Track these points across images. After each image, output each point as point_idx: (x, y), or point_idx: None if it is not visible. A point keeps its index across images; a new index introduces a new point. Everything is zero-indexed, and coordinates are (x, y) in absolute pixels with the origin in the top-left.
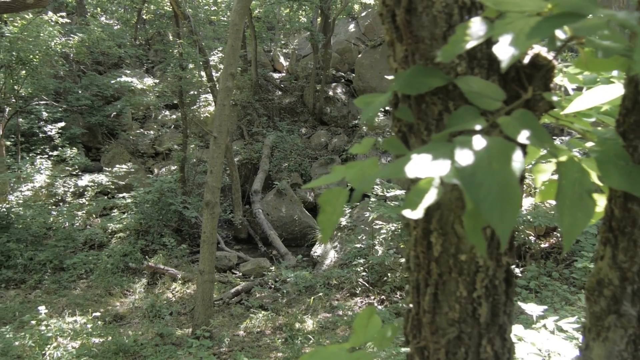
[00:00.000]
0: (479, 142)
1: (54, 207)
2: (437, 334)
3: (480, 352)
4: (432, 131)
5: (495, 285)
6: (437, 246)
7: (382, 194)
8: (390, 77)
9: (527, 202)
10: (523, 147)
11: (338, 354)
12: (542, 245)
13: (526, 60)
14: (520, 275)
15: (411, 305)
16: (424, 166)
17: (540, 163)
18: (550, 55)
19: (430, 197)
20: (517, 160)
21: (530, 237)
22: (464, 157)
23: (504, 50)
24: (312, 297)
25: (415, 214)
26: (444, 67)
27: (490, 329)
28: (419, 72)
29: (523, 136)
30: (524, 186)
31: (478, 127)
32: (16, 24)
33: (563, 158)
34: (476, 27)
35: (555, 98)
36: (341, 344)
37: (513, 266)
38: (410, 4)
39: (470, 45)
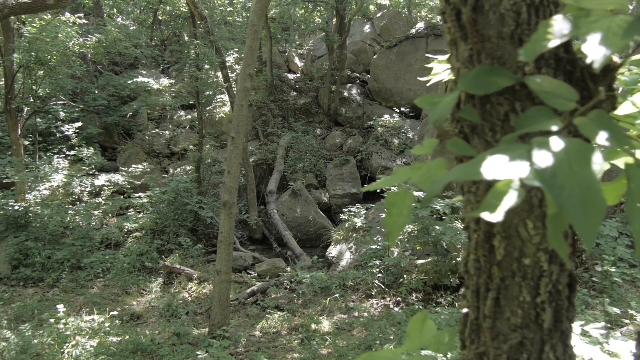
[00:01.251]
0: (557, 143)
1: (70, 206)
2: (498, 340)
3: (543, 358)
4: (497, 132)
5: (559, 290)
6: (500, 250)
7: None
8: (424, 78)
9: None
10: None
11: (393, 359)
12: None
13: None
14: None
15: (466, 310)
16: (501, 168)
17: None
18: (616, 56)
19: (511, 200)
20: (597, 162)
21: None
22: (543, 158)
23: (595, 50)
24: (328, 298)
25: (494, 216)
26: (511, 66)
27: (552, 335)
28: (486, 72)
29: (601, 137)
30: None
31: (554, 128)
32: (35, 25)
33: (630, 161)
34: (559, 25)
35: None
36: (395, 349)
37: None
38: (477, 2)
39: (553, 43)
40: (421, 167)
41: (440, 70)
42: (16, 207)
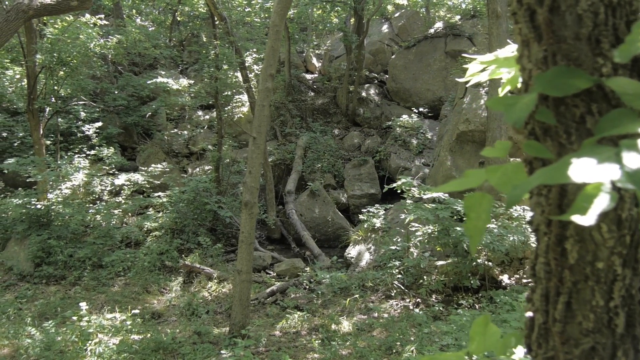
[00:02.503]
0: None
1: (91, 205)
2: (569, 344)
3: None
4: (571, 134)
5: (632, 294)
6: (573, 253)
7: (418, 195)
8: (463, 79)
9: None
10: None
11: None
12: None
13: None
14: None
15: (530, 314)
16: (590, 170)
17: None
18: None
19: (603, 203)
20: None
21: None
22: (634, 160)
23: None
24: (348, 299)
25: (586, 219)
26: (587, 68)
27: (625, 340)
28: (562, 73)
29: None
30: None
31: None
32: (56, 26)
33: None
34: None
35: None
36: (458, 352)
37: None
38: (553, 3)
39: None
40: (497, 170)
41: (477, 70)
42: (38, 206)
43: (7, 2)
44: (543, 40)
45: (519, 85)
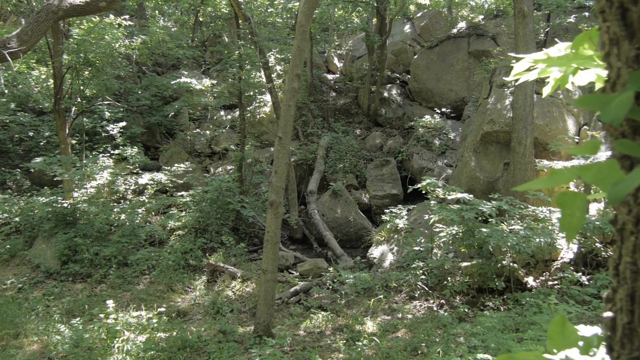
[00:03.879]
0: None
1: (115, 204)
2: None
3: None
4: None
5: None
6: None
7: (442, 196)
8: (510, 78)
9: (593, 208)
10: None
11: None
12: (611, 252)
13: None
14: (588, 283)
15: (612, 314)
16: None
17: None
18: None
19: None
20: None
21: (597, 244)
22: None
23: None
24: (372, 299)
25: None
26: None
27: None
28: None
29: None
30: (591, 191)
31: None
32: (82, 27)
33: None
34: None
35: None
36: (535, 351)
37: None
38: None
39: None
40: (591, 168)
41: (522, 69)
42: (65, 205)
43: (34, 3)
44: (635, 39)
45: (570, 85)
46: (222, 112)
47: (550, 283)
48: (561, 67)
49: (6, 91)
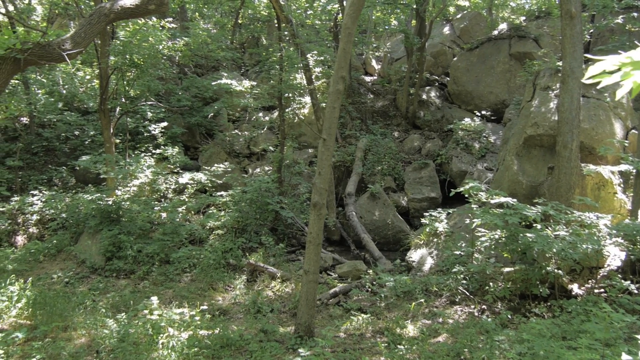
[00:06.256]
0: None
1: (157, 202)
2: None
3: None
4: None
5: None
6: None
7: (485, 200)
8: (590, 81)
9: None
10: None
11: None
12: None
13: None
14: (637, 292)
15: None
16: None
17: None
18: None
19: None
20: None
21: None
22: None
23: None
24: (413, 303)
25: None
26: None
27: None
28: None
29: None
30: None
31: None
32: (128, 29)
33: None
34: None
35: None
36: None
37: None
38: None
39: None
40: None
41: (597, 71)
42: (109, 202)
43: (82, 6)
44: None
45: None
46: (260, 114)
47: (596, 291)
48: None
49: (64, 91)
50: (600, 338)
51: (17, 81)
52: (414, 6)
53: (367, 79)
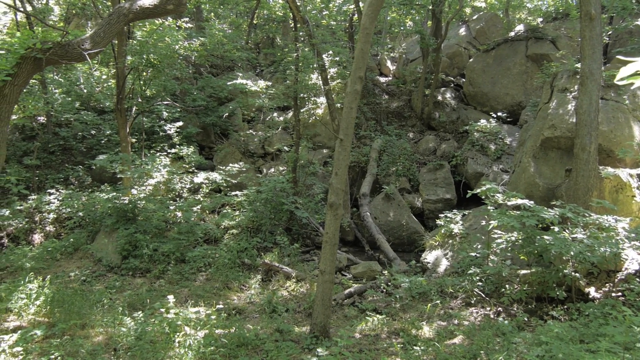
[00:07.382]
0: None
1: (172, 201)
2: None
3: None
4: None
5: None
6: None
7: (502, 202)
8: (623, 82)
9: None
10: None
11: None
12: None
13: None
14: None
15: None
16: None
17: None
18: None
19: None
20: None
21: None
22: None
23: None
24: (428, 304)
25: None
26: None
27: None
28: None
29: None
30: None
31: None
32: (144, 29)
33: None
34: None
35: None
36: None
37: None
38: None
39: None
40: None
41: (628, 73)
42: (125, 201)
43: (99, 7)
44: None
45: None
46: (275, 114)
47: (614, 294)
48: None
49: (85, 90)
50: (619, 341)
51: (35, 80)
52: (430, 7)
53: (382, 79)
